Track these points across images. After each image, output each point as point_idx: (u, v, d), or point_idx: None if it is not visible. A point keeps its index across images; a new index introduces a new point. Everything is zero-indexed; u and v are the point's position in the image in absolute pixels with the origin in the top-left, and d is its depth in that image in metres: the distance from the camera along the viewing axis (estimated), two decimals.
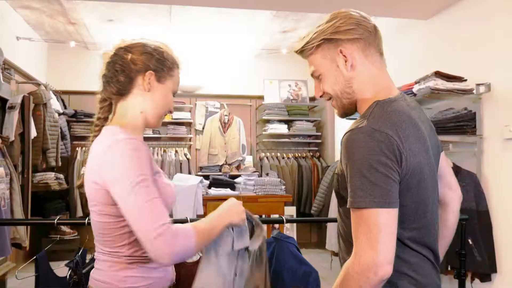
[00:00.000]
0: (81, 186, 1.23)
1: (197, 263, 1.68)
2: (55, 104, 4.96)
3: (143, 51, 1.26)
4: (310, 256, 5.24)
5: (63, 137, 5.15)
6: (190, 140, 6.14)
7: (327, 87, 1.20)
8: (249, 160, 6.10)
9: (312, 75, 1.24)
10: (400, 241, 1.08)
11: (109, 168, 1.12)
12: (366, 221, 1.00)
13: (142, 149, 1.15)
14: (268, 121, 6.01)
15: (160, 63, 1.27)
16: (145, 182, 1.10)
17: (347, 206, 1.05)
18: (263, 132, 6.04)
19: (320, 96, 1.25)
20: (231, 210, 1.27)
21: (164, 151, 5.88)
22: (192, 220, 1.89)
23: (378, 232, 0.99)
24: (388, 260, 0.99)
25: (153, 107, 1.27)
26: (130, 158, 1.11)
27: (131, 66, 1.25)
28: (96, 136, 1.26)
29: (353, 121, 1.14)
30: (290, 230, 5.19)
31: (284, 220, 2.07)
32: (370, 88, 1.16)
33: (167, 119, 5.84)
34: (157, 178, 1.22)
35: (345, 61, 1.15)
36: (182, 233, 1.08)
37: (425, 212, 1.11)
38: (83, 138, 5.67)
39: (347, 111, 1.22)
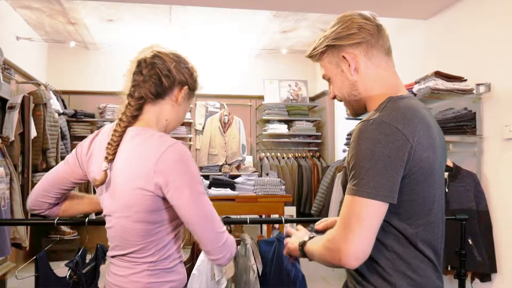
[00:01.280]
0: (103, 183, 1.20)
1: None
2: (55, 104, 4.96)
3: (185, 65, 1.31)
4: None
5: (63, 137, 5.15)
6: (190, 140, 6.14)
7: (335, 90, 1.24)
8: (249, 160, 6.10)
9: (322, 77, 1.28)
10: (404, 237, 1.09)
11: (169, 175, 1.12)
12: (351, 209, 1.02)
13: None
14: (268, 121, 6.01)
15: (194, 83, 1.33)
16: (204, 190, 1.19)
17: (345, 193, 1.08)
18: (263, 132, 6.04)
19: (333, 98, 1.28)
20: None
21: None
22: None
23: (357, 222, 1.01)
24: (357, 256, 1.00)
25: (176, 119, 1.33)
26: (191, 164, 1.16)
27: (175, 75, 1.27)
28: (120, 134, 1.22)
29: (355, 121, 1.16)
30: None
31: (283, 220, 2.09)
32: (378, 88, 1.18)
33: None
34: None
35: (349, 66, 1.18)
36: (233, 241, 1.23)
37: (431, 209, 1.12)
38: (83, 138, 5.62)
39: (358, 112, 1.25)
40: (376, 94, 1.18)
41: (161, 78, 1.25)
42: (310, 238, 1.24)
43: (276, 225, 3.73)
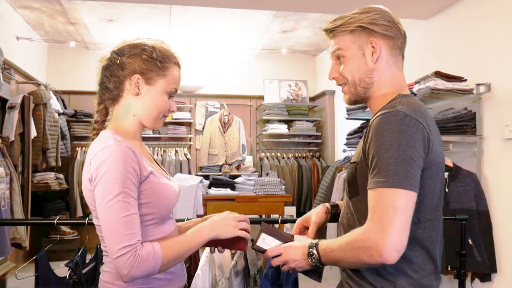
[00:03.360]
0: (81, 191, 1.23)
1: None
2: (55, 104, 4.96)
3: (131, 53, 1.23)
4: None
5: (63, 137, 5.15)
6: (190, 140, 6.14)
7: (346, 71, 1.21)
8: (249, 160, 6.10)
9: (332, 53, 1.24)
10: (411, 235, 1.07)
11: (95, 175, 1.11)
12: (384, 201, 1.00)
13: (131, 155, 1.13)
14: (268, 121, 6.01)
15: (147, 64, 1.22)
16: (125, 197, 1.09)
17: (368, 188, 1.05)
18: (263, 132, 6.04)
19: (333, 78, 1.26)
20: (219, 224, 1.22)
21: (164, 151, 5.88)
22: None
23: (394, 214, 0.99)
24: (398, 247, 0.99)
25: (145, 110, 1.24)
26: (115, 168, 1.09)
27: (119, 72, 1.23)
28: (94, 139, 1.26)
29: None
30: (290, 230, 5.19)
31: (279, 220, 2.11)
32: (389, 85, 1.19)
33: (168, 119, 5.84)
34: (152, 179, 1.19)
35: (372, 53, 1.17)
36: (148, 257, 1.08)
37: (438, 205, 1.13)
38: (83, 138, 5.67)
39: (357, 99, 1.24)
40: (387, 90, 1.19)
41: (106, 83, 1.25)
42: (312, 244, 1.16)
43: (276, 225, 3.73)
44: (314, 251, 1.13)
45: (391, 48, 1.18)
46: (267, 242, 1.26)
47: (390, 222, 0.98)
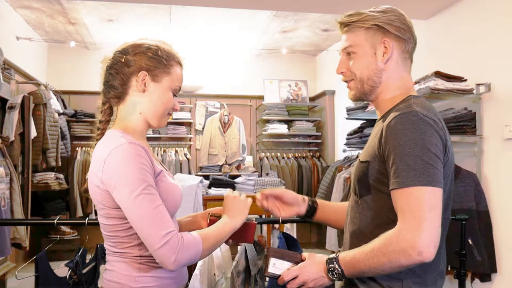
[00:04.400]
0: (86, 191, 1.23)
1: None
2: (55, 104, 4.96)
3: (136, 51, 1.25)
4: None
5: (63, 137, 5.15)
6: (190, 140, 6.14)
7: (355, 67, 1.22)
8: (249, 160, 6.10)
9: (344, 48, 1.25)
10: None
11: (111, 175, 1.12)
12: (415, 199, 1.00)
13: (143, 153, 1.15)
14: (268, 121, 6.01)
15: (153, 62, 1.24)
16: (148, 189, 1.11)
17: (392, 188, 1.05)
18: (263, 132, 6.04)
19: (341, 73, 1.26)
20: (235, 216, 1.31)
21: (164, 151, 5.88)
22: None
23: (428, 210, 0.99)
24: (435, 243, 0.99)
25: (151, 107, 1.25)
26: (132, 165, 1.11)
27: (125, 69, 1.24)
28: (99, 139, 1.26)
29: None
30: (290, 230, 5.19)
31: (280, 220, 2.11)
32: (397, 87, 1.20)
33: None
34: (162, 178, 1.21)
35: (384, 53, 1.18)
36: (189, 242, 1.12)
37: (448, 205, 1.14)
38: (83, 138, 5.67)
39: (362, 96, 1.24)
40: (395, 92, 1.20)
41: (112, 81, 1.25)
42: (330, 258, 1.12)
43: (276, 225, 3.72)
44: (335, 265, 1.10)
45: (402, 51, 1.20)
46: (278, 266, 1.24)
47: (425, 219, 0.99)
